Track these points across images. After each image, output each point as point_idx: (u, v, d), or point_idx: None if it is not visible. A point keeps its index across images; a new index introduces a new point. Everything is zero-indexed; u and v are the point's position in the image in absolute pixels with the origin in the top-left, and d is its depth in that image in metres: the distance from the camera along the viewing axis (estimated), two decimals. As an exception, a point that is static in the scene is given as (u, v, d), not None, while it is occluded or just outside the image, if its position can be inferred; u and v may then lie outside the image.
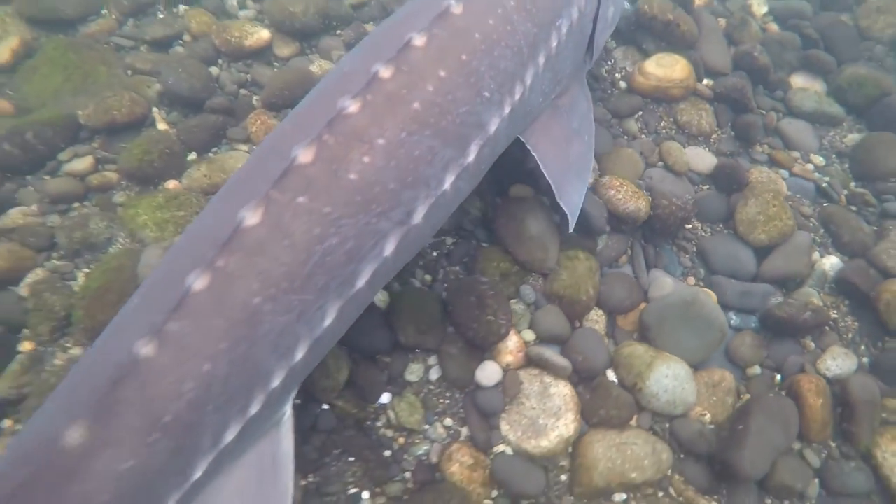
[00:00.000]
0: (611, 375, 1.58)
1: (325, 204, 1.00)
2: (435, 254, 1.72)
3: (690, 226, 1.95)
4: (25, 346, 1.51)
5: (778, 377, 1.64)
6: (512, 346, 1.53)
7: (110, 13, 2.30)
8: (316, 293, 1.01)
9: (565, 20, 1.45)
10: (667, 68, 2.13)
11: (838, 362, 1.62)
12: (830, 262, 1.86)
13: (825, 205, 2.03)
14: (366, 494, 1.40)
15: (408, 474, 1.42)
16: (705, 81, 2.23)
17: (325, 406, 1.46)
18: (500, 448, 1.44)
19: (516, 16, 1.29)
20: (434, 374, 1.54)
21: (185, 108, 2.00)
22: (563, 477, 1.44)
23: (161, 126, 1.97)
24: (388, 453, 1.44)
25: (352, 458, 1.44)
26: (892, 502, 1.43)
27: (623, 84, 2.22)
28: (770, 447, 1.41)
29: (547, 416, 1.44)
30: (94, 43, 2.19)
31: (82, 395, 0.88)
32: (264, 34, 2.18)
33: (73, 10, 2.25)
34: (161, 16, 2.33)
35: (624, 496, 1.42)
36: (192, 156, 1.92)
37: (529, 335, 1.58)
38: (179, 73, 1.97)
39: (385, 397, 1.49)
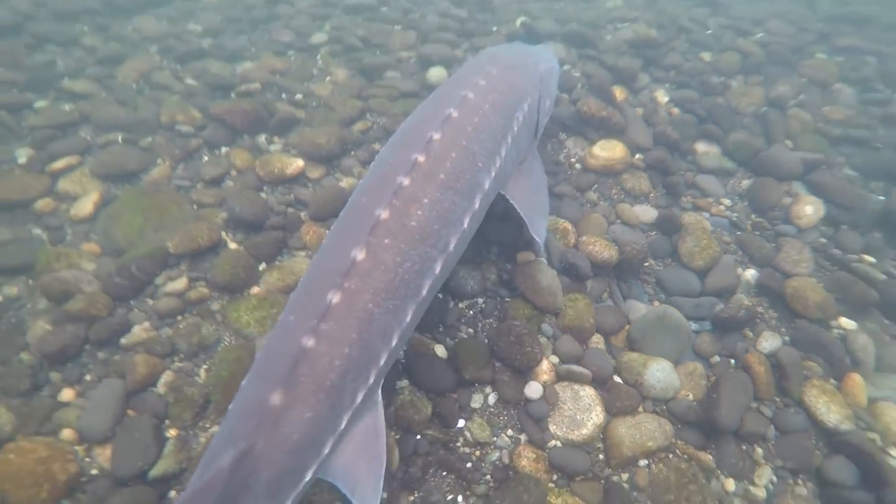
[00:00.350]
0: (617, 378, 2.19)
1: (400, 242, 1.64)
2: (472, 312, 2.33)
3: (648, 263, 2.66)
4: (172, 433, 1.94)
5: (732, 361, 2.31)
6: (545, 368, 2.13)
7: (164, 161, 2.90)
8: (401, 299, 1.62)
9: (520, 113, 2.22)
10: (609, 150, 2.96)
11: (769, 342, 2.32)
12: (750, 273, 2.62)
13: (738, 233, 2.82)
14: (460, 498, 1.89)
15: (488, 476, 1.92)
16: (637, 156, 3.06)
17: (419, 436, 1.96)
18: (553, 443, 1.98)
19: (491, 114, 2.04)
20: (492, 399, 2.09)
21: (249, 229, 2.58)
22: (601, 455, 1.99)
23: (232, 246, 2.53)
24: (470, 464, 1.95)
25: (445, 472, 1.93)
26: (821, 431, 2.09)
27: (578, 166, 3.02)
28: (737, 406, 2.03)
29: (581, 412, 2.02)
30: (159, 187, 2.76)
31: (275, 373, 1.43)
32: (300, 163, 2.83)
33: (135, 164, 2.83)
34: (206, 158, 2.96)
35: (646, 461, 1.98)
36: (263, 266, 2.47)
37: (555, 359, 2.18)
38: (243, 202, 2.57)
39: (461, 422, 2.01)
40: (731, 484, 1.97)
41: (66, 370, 2.06)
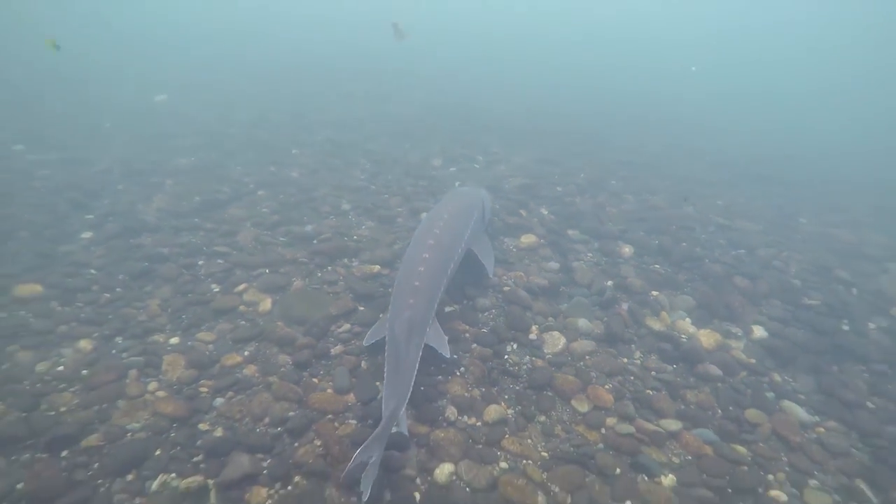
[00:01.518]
0: (566, 328, 4.47)
1: (439, 252, 4.05)
2: (490, 315, 4.53)
3: (562, 288, 5.12)
4: (378, 384, 3.79)
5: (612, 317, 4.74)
6: (534, 329, 4.37)
7: (297, 279, 4.87)
8: (442, 271, 4.01)
9: (474, 215, 4.80)
10: (528, 239, 5.57)
11: (626, 305, 4.81)
12: (610, 282, 5.18)
13: (599, 266, 5.44)
14: (514, 385, 3.93)
15: (524, 375, 4.00)
16: (542, 240, 5.69)
17: (490, 362, 4.02)
18: (548, 356, 4.15)
19: (462, 215, 4.63)
20: (515, 346, 4.23)
21: (367, 300, 4.61)
22: (569, 357, 4.18)
23: (360, 308, 4.52)
24: (514, 371, 4.02)
25: (505, 375, 3.97)
26: (655, 334, 4.51)
27: (514, 249, 5.55)
28: (620, 329, 4.41)
29: (555, 341, 4.25)
30: (303, 289, 4.71)
31: (408, 293, 3.72)
32: (378, 267, 5.00)
33: (283, 281, 4.79)
34: (320, 274, 4.98)
35: (588, 356, 4.20)
36: (381, 315, 4.48)
37: (536, 325, 4.43)
38: (360, 286, 4.64)
39: (506, 356, 4.12)
40: (625, 361, 4.27)
41: (308, 370, 3.84)
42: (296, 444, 3.25)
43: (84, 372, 3.66)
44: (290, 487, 2.98)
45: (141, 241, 5.33)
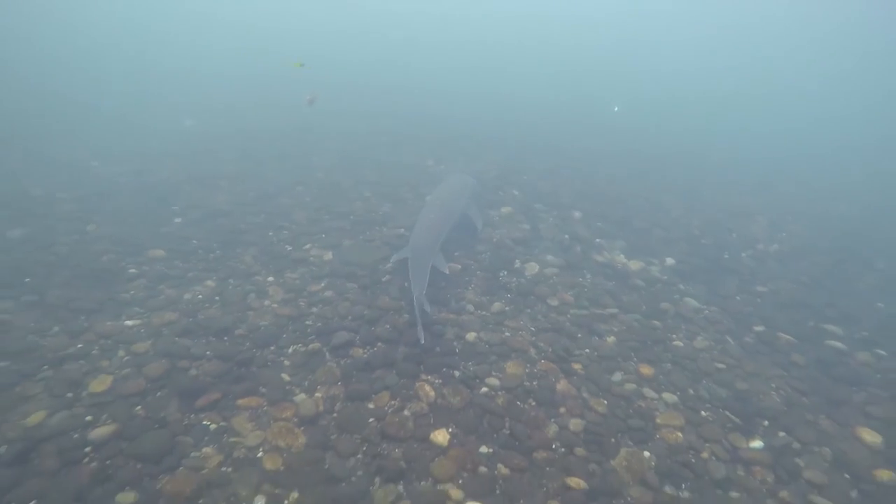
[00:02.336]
0: (537, 262, 6.10)
1: (443, 213, 5.75)
2: (486, 255, 6.11)
3: (534, 241, 6.76)
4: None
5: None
6: (517, 261, 5.97)
7: (348, 240, 6.34)
8: (447, 221, 5.69)
9: (465, 193, 6.47)
10: (507, 210, 7.20)
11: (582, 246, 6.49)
12: (566, 236, 6.87)
13: (559, 224, 7.13)
14: (506, 293, 5.51)
15: (514, 287, 5.58)
16: (516, 210, 7.33)
17: (491, 282, 5.58)
18: (528, 277, 5.75)
19: (458, 193, 6.33)
20: (505, 272, 5.81)
21: (399, 250, 6.11)
22: (543, 277, 5.80)
23: (392, 255, 6.02)
24: (507, 284, 5.59)
25: (502, 289, 5.54)
26: (593, 263, 6.19)
27: (497, 218, 7.16)
28: (573, 259, 6.07)
29: (532, 268, 5.86)
30: (354, 245, 6.18)
31: (422, 229, 5.50)
32: (403, 230, 6.52)
33: (336, 241, 6.25)
34: (362, 237, 6.45)
35: (555, 276, 5.84)
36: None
37: (519, 259, 6.04)
38: (390, 240, 6.15)
39: (500, 278, 5.70)
40: (580, 279, 5.92)
41: (370, 290, 5.30)
42: (373, 328, 4.72)
43: (217, 298, 5.03)
44: (374, 349, 4.46)
45: (221, 222, 6.67)
